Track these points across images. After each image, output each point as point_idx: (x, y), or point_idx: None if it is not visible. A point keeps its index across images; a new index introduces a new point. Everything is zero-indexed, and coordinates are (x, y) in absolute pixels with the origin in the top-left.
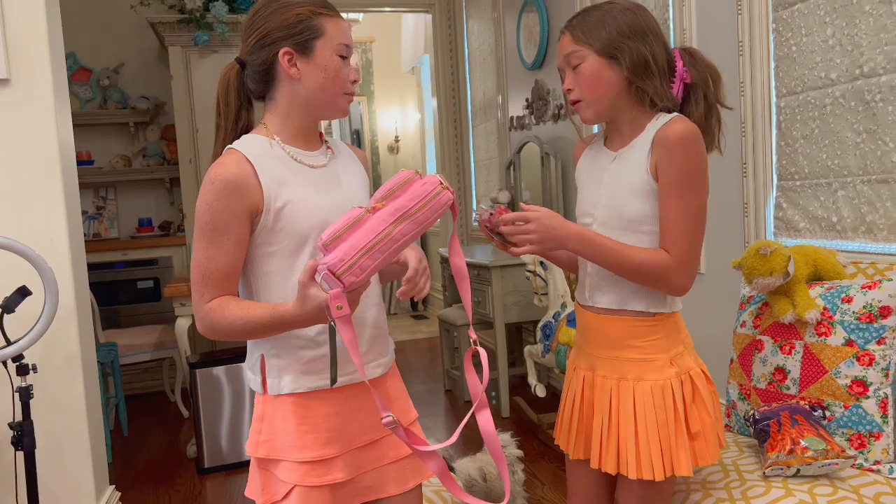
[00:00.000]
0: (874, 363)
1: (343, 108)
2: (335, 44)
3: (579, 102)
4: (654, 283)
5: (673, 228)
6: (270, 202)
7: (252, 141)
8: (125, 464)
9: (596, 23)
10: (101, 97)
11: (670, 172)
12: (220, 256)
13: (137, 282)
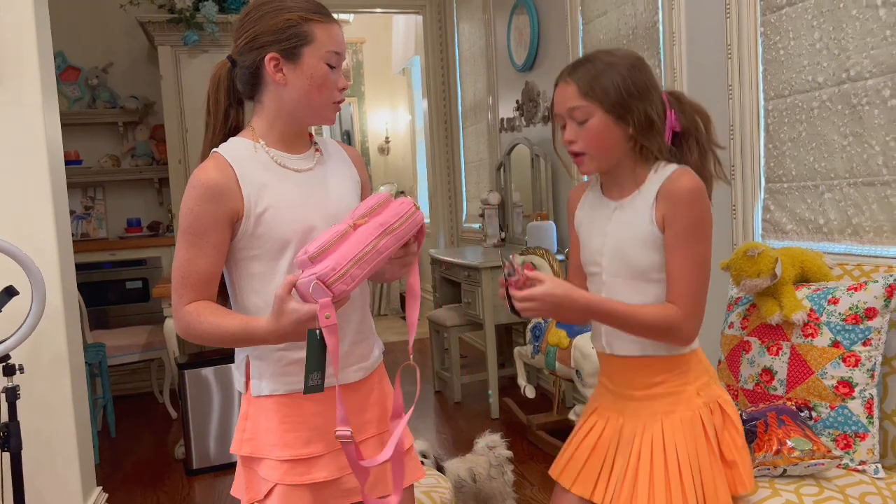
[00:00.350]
0: (860, 364)
1: (329, 117)
2: (323, 51)
3: (582, 155)
4: (664, 338)
5: (680, 280)
6: (251, 207)
7: (237, 145)
8: (113, 465)
9: (604, 79)
10: (90, 97)
11: (677, 226)
12: (199, 260)
13: (126, 282)
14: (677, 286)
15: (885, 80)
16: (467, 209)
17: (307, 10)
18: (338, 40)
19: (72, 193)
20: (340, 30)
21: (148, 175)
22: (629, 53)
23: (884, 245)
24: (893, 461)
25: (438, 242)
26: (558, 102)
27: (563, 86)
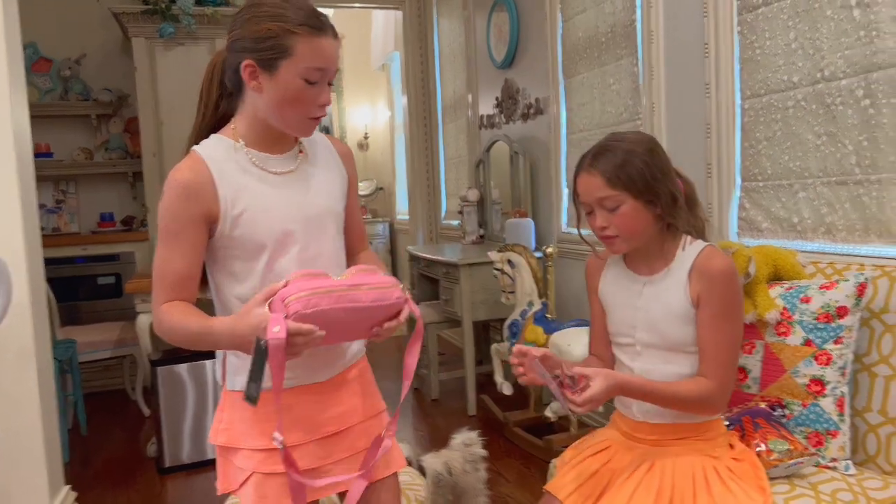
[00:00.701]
0: (831, 362)
1: (304, 130)
2: (302, 67)
3: (615, 238)
4: (699, 410)
5: (715, 356)
6: (227, 209)
7: (217, 144)
8: (83, 463)
9: (629, 168)
10: (62, 88)
11: (714, 305)
12: (175, 259)
13: (98, 277)
14: (712, 362)
15: (858, 80)
16: (446, 206)
17: (293, 21)
18: (323, 56)
19: (42, 187)
20: (332, 44)
21: (122, 169)
22: (643, 137)
23: (856, 243)
24: (864, 458)
25: (417, 239)
26: (585, 192)
27: (587, 176)
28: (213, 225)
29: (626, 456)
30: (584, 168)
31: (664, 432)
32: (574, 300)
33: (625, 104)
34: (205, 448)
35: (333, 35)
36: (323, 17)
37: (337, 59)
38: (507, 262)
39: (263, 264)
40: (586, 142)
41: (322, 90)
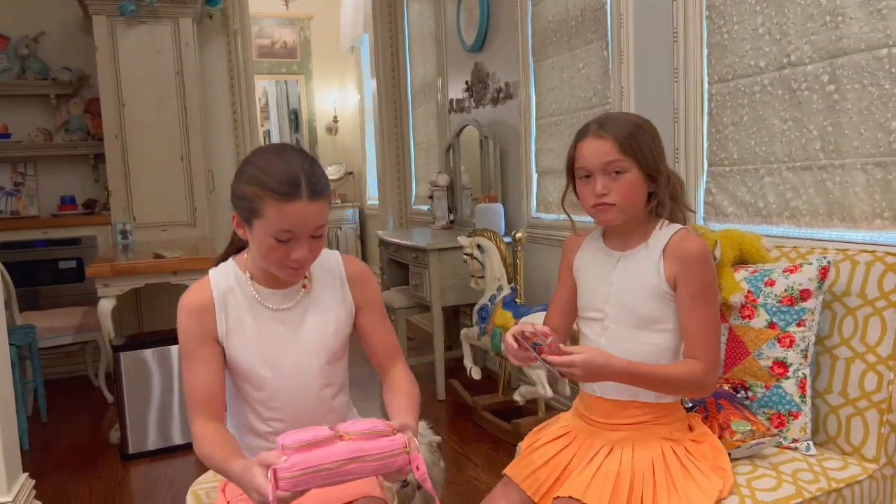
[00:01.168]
0: (794, 345)
1: (286, 276)
2: (271, 228)
3: (612, 206)
4: (690, 393)
5: (700, 337)
6: (223, 336)
7: (229, 271)
8: (43, 451)
9: (639, 138)
10: (20, 67)
11: (693, 286)
12: (196, 377)
13: (59, 262)
14: (698, 343)
15: (823, 65)
16: (416, 191)
17: (265, 185)
18: (290, 220)
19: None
20: (303, 207)
21: (83, 151)
22: (646, 119)
23: (819, 228)
24: (824, 438)
25: (387, 224)
26: (591, 156)
27: (596, 140)
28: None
29: (585, 441)
30: (591, 133)
31: (619, 413)
32: (543, 285)
33: (594, 88)
34: (171, 434)
35: (311, 197)
36: (296, 182)
37: (312, 219)
38: (477, 247)
39: (251, 389)
40: (556, 127)
41: (294, 247)
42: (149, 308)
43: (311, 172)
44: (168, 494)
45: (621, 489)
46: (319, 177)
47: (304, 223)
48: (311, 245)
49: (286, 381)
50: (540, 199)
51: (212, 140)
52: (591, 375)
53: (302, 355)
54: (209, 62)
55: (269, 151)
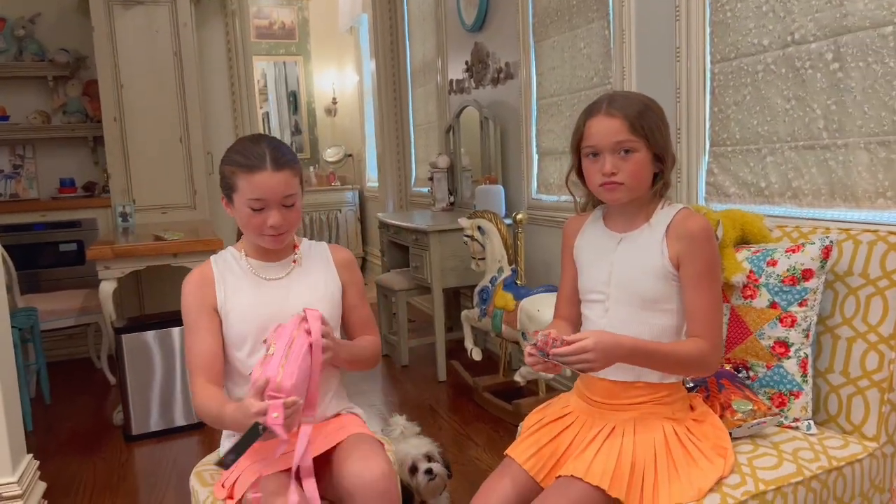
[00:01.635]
0: (796, 324)
1: (267, 244)
2: (245, 199)
3: (620, 185)
4: (696, 371)
5: (705, 316)
6: (222, 304)
7: (226, 253)
8: (47, 433)
9: (648, 118)
10: (17, 48)
11: (698, 265)
12: (197, 344)
13: (59, 244)
14: (702, 322)
15: (827, 43)
16: (416, 173)
17: (236, 162)
18: (259, 188)
19: None
20: (268, 177)
21: (81, 133)
22: (652, 99)
23: (822, 207)
24: (825, 417)
25: (387, 206)
26: (601, 135)
27: (606, 119)
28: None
29: (587, 421)
30: (601, 111)
31: (621, 393)
32: (543, 266)
33: (595, 68)
34: (173, 416)
35: (275, 168)
36: (261, 155)
37: (278, 187)
38: (478, 229)
39: (244, 354)
40: (556, 107)
41: (268, 215)
42: (149, 290)
43: (276, 149)
44: (172, 474)
45: (623, 469)
46: (284, 152)
47: (272, 191)
48: (284, 214)
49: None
50: (540, 180)
51: (210, 122)
52: (605, 357)
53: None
54: (207, 43)
55: (245, 139)
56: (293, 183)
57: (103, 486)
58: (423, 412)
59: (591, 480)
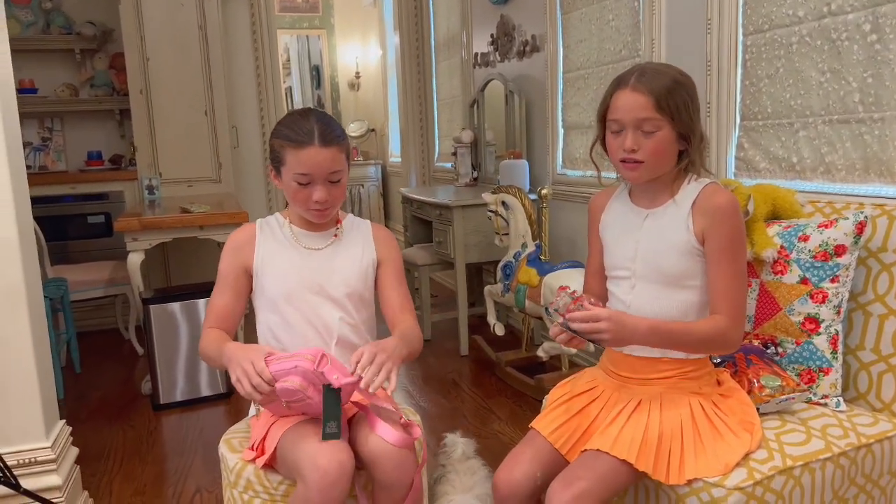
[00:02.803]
0: (827, 300)
1: (312, 217)
2: (292, 173)
3: (640, 164)
4: (716, 349)
5: (727, 292)
6: (259, 267)
7: (273, 220)
8: (78, 400)
9: (676, 96)
10: (44, 21)
11: (722, 240)
12: (219, 297)
13: (88, 216)
14: (724, 298)
15: (865, 14)
16: (439, 147)
17: (285, 136)
18: (306, 164)
19: (27, 123)
20: (315, 153)
21: (108, 106)
22: (685, 73)
23: (855, 183)
24: (854, 395)
25: (410, 181)
26: (625, 110)
27: (632, 94)
28: (251, 276)
29: (612, 395)
30: (628, 84)
31: (647, 369)
32: (567, 242)
33: (624, 41)
34: (199, 386)
35: (322, 144)
36: (309, 132)
37: (325, 163)
38: (502, 204)
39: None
40: (583, 80)
41: (314, 190)
42: (176, 262)
43: (325, 125)
44: (199, 443)
45: (650, 443)
46: (332, 129)
47: (318, 167)
48: (330, 189)
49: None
50: (566, 155)
51: (235, 96)
52: (618, 332)
53: (326, 284)
54: (231, 17)
55: (294, 113)
56: (340, 159)
57: (133, 453)
58: (445, 386)
59: (617, 454)
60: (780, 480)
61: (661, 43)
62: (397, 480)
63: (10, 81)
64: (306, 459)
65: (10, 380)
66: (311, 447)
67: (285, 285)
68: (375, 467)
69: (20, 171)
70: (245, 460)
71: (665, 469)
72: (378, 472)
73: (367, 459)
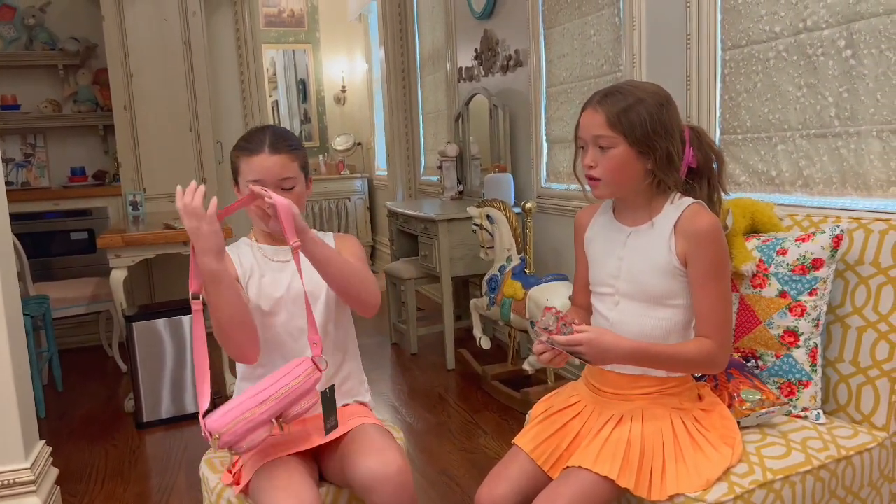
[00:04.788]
0: (805, 314)
1: (269, 228)
2: (246, 179)
3: (598, 180)
4: (703, 370)
5: (712, 316)
6: (242, 281)
7: (241, 242)
8: (59, 419)
9: (632, 113)
10: (27, 37)
11: (705, 264)
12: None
13: (71, 233)
14: (709, 321)
15: (840, 30)
16: (425, 161)
17: (240, 147)
18: (255, 170)
19: (9, 139)
20: (266, 159)
21: (92, 122)
22: (658, 90)
23: (832, 196)
24: (834, 407)
25: (396, 195)
26: (584, 127)
27: (592, 112)
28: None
29: (594, 411)
30: (591, 104)
31: (628, 385)
32: (552, 255)
33: (605, 56)
34: (183, 404)
35: (272, 151)
36: (260, 139)
37: (274, 169)
38: (487, 218)
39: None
40: (566, 95)
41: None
42: (160, 278)
43: (277, 136)
44: (182, 461)
45: (631, 459)
46: (286, 139)
47: (268, 171)
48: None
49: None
50: (550, 168)
51: (220, 111)
52: (599, 355)
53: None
54: (216, 32)
55: (254, 128)
56: (290, 167)
57: (115, 472)
58: (431, 400)
59: (599, 471)
60: (761, 494)
61: (642, 58)
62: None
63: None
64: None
65: None
66: (279, 496)
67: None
68: (372, 493)
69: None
70: (224, 483)
71: (647, 485)
72: (376, 498)
73: (362, 487)
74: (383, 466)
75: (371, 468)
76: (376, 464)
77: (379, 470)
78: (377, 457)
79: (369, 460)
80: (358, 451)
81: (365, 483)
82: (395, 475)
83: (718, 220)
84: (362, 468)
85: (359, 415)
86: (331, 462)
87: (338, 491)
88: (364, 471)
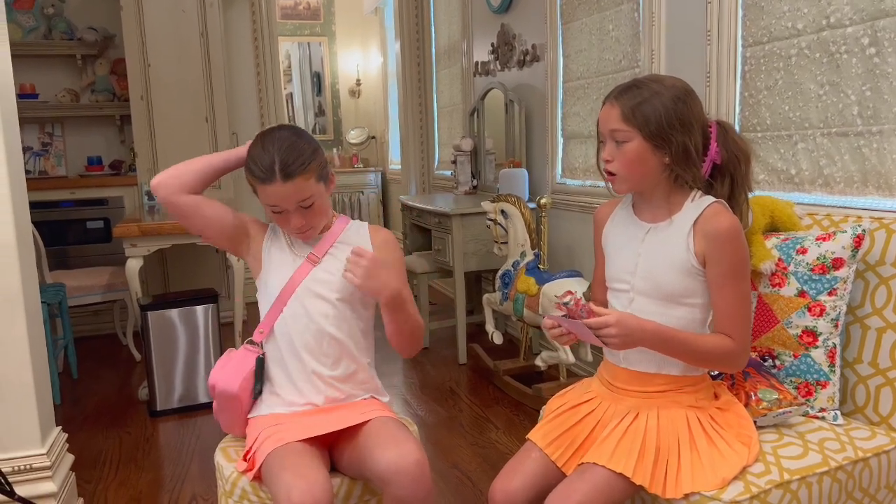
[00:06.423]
0: (825, 314)
1: (299, 238)
2: (263, 203)
3: (615, 175)
4: (719, 366)
5: (732, 314)
6: (265, 254)
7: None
8: (74, 406)
9: (648, 107)
10: (46, 26)
11: (724, 265)
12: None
13: (87, 222)
14: (730, 320)
15: (864, 27)
16: (439, 155)
17: (251, 171)
18: (272, 197)
19: (27, 128)
20: (279, 188)
21: (109, 112)
22: (678, 84)
23: (853, 196)
24: (852, 408)
25: (410, 189)
26: (602, 122)
27: (609, 107)
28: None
29: (610, 407)
30: (609, 99)
31: (645, 382)
32: (566, 251)
33: (624, 51)
34: (196, 393)
35: (284, 179)
36: (270, 168)
37: (290, 197)
38: (501, 213)
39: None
40: (583, 90)
41: (289, 217)
42: (175, 268)
43: (285, 157)
44: (195, 449)
45: (647, 456)
46: (295, 158)
47: (285, 200)
48: (304, 213)
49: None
50: (565, 164)
51: (236, 102)
52: (626, 336)
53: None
54: (233, 23)
55: (259, 138)
56: (306, 187)
57: (129, 460)
58: (443, 394)
59: (614, 468)
60: (778, 494)
61: (661, 54)
62: (414, 496)
63: (11, 86)
64: (282, 492)
65: (7, 386)
66: (289, 478)
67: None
68: (390, 484)
69: (19, 176)
70: (239, 471)
71: (662, 482)
72: (394, 489)
73: (380, 479)
74: (401, 458)
75: (390, 460)
76: (395, 455)
77: (397, 462)
78: (396, 449)
79: (388, 452)
80: (376, 444)
81: (383, 475)
82: (413, 467)
83: (738, 220)
84: (381, 460)
85: (375, 408)
86: (346, 453)
87: (352, 483)
88: (382, 462)
